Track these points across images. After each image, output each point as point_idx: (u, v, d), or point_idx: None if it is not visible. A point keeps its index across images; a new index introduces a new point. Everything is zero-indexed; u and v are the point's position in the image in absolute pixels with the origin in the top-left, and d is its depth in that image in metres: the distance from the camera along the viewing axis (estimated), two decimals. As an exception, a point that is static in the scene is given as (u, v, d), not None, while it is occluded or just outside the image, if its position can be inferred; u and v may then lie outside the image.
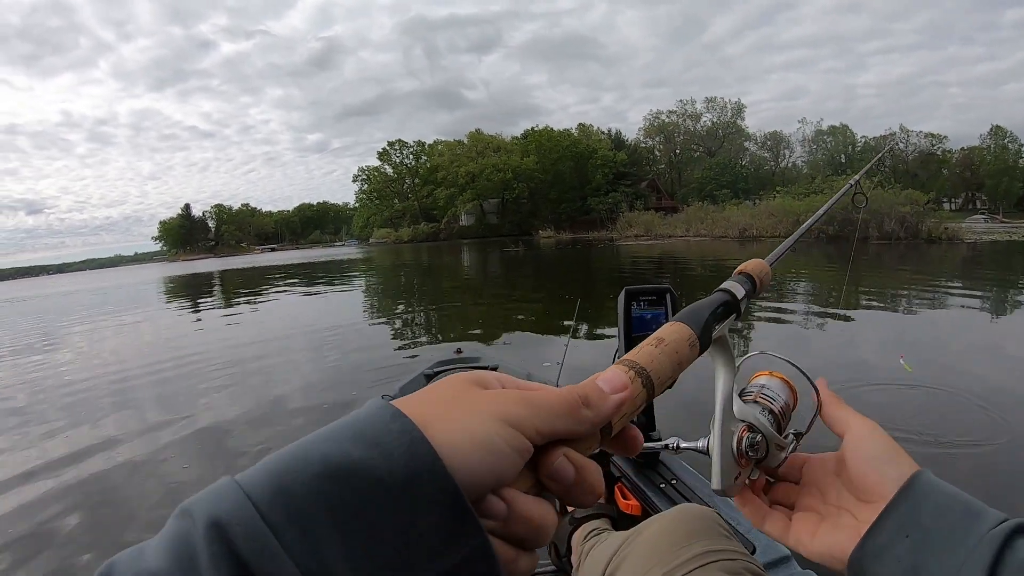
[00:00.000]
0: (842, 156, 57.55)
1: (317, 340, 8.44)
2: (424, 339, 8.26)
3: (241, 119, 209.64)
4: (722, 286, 0.58)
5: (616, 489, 1.62)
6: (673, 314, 1.38)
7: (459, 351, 3.27)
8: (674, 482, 1.60)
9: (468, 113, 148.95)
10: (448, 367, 2.83)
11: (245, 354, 7.90)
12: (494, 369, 2.73)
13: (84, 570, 2.88)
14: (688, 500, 1.48)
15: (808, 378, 0.60)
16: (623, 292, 1.59)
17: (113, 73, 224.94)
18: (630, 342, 1.51)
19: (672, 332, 0.47)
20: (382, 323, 10.36)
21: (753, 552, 1.20)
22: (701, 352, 0.50)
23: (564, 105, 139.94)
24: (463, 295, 14.83)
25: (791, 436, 0.58)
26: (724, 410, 0.54)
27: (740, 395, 0.58)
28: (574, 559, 1.32)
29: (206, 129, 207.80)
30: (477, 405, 0.32)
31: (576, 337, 7.05)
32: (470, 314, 10.76)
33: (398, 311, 12.17)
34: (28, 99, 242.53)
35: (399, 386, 2.67)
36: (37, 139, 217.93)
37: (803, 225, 0.81)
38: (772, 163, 63.47)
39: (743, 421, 0.55)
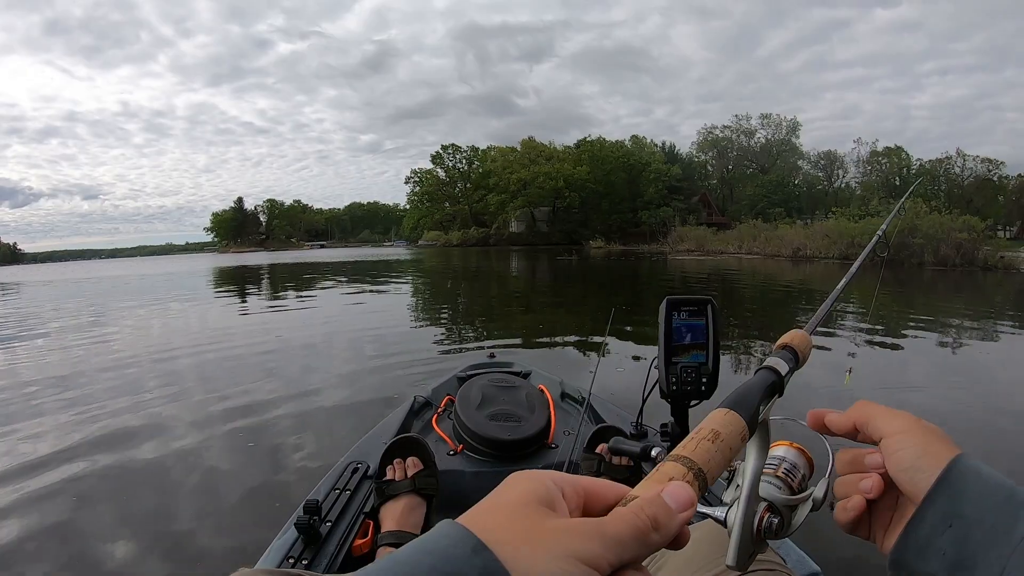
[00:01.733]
0: (896, 179, 56.63)
1: (358, 336, 8.60)
2: (463, 341, 8.33)
3: (295, 117, 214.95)
4: (767, 363, 0.59)
5: None
6: (714, 326, 1.60)
7: (492, 355, 3.30)
8: (707, 495, 1.92)
9: (519, 120, 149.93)
10: (480, 371, 2.84)
11: (287, 345, 8.14)
12: (526, 375, 2.85)
13: (107, 545, 2.92)
14: None
15: (830, 451, 0.60)
16: (664, 302, 1.63)
17: (171, 67, 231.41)
18: (670, 351, 1.62)
19: (727, 424, 0.48)
20: (424, 323, 10.59)
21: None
22: (748, 439, 0.51)
23: (616, 116, 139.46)
24: (509, 300, 14.92)
25: (810, 500, 0.58)
26: (751, 489, 0.54)
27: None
28: None
29: (261, 125, 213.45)
30: (554, 541, 0.32)
31: (618, 341, 7.38)
32: (513, 318, 10.94)
33: (441, 312, 12.40)
34: (88, 89, 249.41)
35: (432, 387, 2.70)
36: (95, 127, 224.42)
37: (836, 289, 0.85)
38: (825, 183, 62.52)
39: (765, 500, 0.56)
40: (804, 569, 1.24)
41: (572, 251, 43.52)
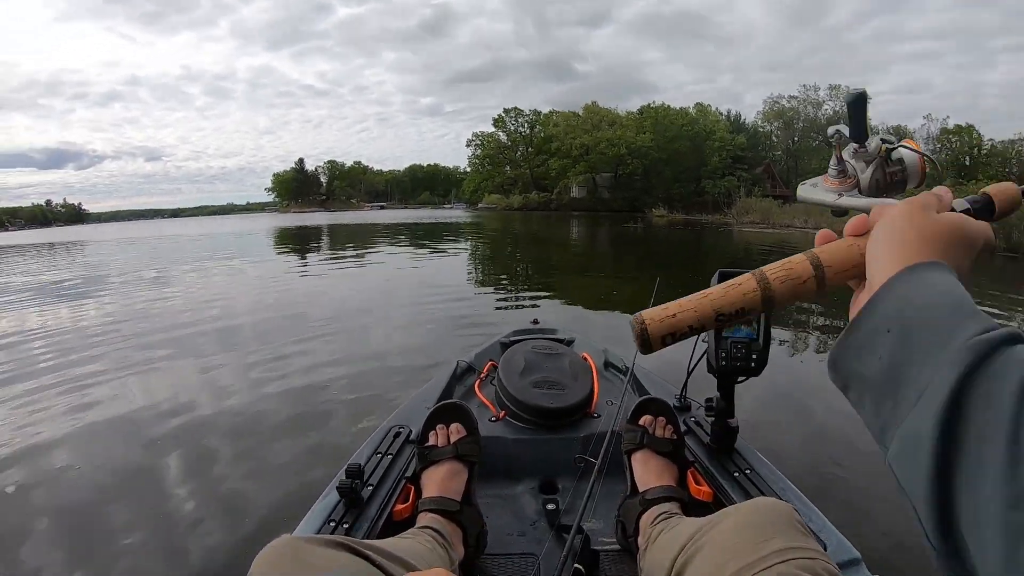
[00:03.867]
0: (966, 159, 55.02)
1: (409, 299, 8.67)
2: (512, 306, 8.30)
3: (355, 80, 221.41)
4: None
5: (689, 474, 1.62)
6: None
7: (536, 321, 3.25)
8: (748, 472, 1.58)
9: (578, 85, 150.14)
10: (524, 336, 2.82)
11: (340, 306, 8.30)
12: (570, 343, 2.80)
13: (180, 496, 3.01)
14: (762, 492, 1.46)
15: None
16: (717, 274, 1.49)
17: (232, 32, 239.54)
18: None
19: None
20: (476, 287, 10.42)
21: (824, 550, 1.07)
22: None
23: (679, 83, 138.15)
24: (565, 267, 14.73)
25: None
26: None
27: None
28: (641, 541, 1.32)
29: (321, 88, 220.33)
30: None
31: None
32: (567, 285, 10.86)
33: (495, 276, 12.24)
34: (150, 54, 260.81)
35: (475, 352, 2.70)
36: (157, 91, 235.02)
37: None
38: None
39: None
40: (844, 555, 1.21)
41: (637, 219, 43.74)
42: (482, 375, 2.43)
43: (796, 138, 61.53)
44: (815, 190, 0.79)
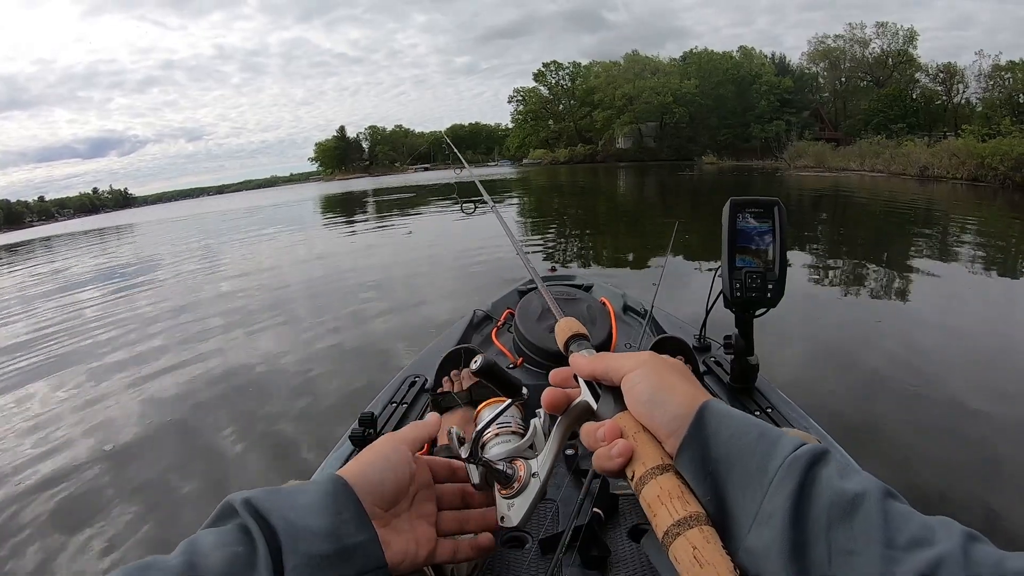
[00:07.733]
0: (1021, 96, 52.53)
1: (443, 254, 8.89)
2: (543, 258, 8.27)
3: (389, 44, 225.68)
4: None
5: None
6: (781, 229, 1.54)
7: (553, 268, 3.10)
8: (770, 410, 1.60)
9: (611, 35, 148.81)
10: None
11: (375, 266, 8.51)
12: (588, 288, 2.78)
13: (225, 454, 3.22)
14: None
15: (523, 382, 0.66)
16: (728, 203, 1.55)
17: (261, 8, 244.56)
18: (734, 256, 1.56)
19: None
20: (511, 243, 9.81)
21: None
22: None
23: (715, 27, 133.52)
24: (609, 219, 14.67)
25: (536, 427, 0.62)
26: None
27: (482, 442, 0.61)
28: None
29: (355, 55, 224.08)
30: None
31: (690, 256, 7.27)
32: (603, 235, 10.93)
33: (534, 232, 12.17)
34: (182, 37, 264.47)
35: (492, 301, 2.71)
36: (193, 72, 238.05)
37: None
38: (944, 98, 56.08)
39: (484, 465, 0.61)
40: None
41: (692, 168, 43.90)
42: (499, 323, 2.39)
43: (844, 79, 59.59)
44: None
